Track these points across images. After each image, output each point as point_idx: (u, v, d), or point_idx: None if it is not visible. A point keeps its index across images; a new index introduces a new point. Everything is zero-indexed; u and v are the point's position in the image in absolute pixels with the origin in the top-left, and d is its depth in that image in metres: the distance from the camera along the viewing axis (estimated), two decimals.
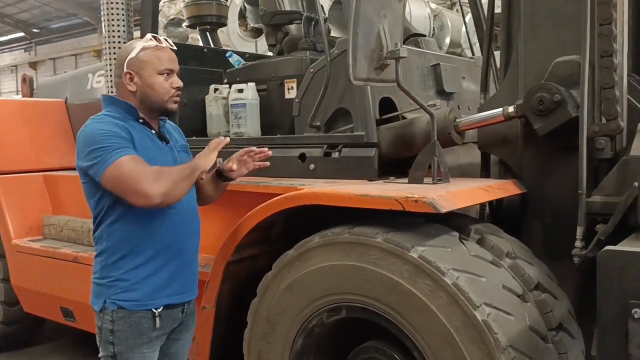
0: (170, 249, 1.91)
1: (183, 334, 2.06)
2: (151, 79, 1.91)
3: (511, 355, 1.66)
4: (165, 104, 1.94)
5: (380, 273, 1.86)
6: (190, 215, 1.99)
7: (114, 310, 1.86)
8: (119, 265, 1.88)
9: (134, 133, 1.87)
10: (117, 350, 1.87)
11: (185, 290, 1.98)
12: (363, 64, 2.00)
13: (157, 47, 1.92)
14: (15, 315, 3.70)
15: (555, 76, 2.14)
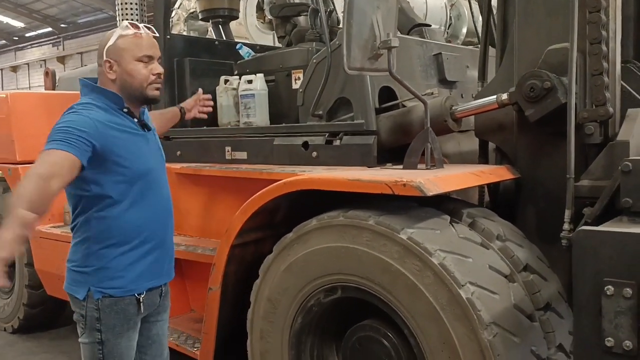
0: (155, 236, 1.96)
1: (161, 315, 2.12)
2: (130, 66, 1.90)
3: (494, 331, 1.73)
4: (144, 91, 1.93)
5: (371, 254, 1.95)
6: (168, 203, 2.05)
7: (99, 299, 1.88)
8: (104, 254, 1.89)
9: (117, 126, 1.87)
10: (105, 338, 1.90)
11: (163, 273, 2.03)
12: (357, 54, 2.07)
13: (135, 34, 1.92)
14: (39, 298, 3.88)
15: (548, 63, 2.18)
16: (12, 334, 4.12)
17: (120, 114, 1.93)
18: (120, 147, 1.86)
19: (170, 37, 3.39)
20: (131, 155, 1.90)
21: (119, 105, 1.93)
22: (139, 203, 1.91)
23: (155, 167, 2.00)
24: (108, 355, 1.92)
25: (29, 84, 28.39)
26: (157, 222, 1.98)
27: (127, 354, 1.97)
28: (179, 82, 3.39)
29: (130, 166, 1.89)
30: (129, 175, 1.89)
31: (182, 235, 3.17)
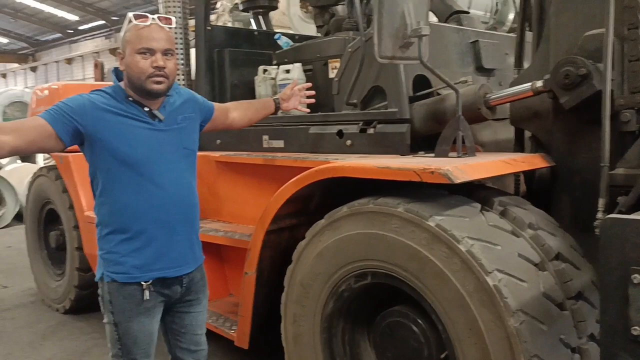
0: (154, 225, 1.94)
1: (194, 307, 2.12)
2: (129, 58, 1.90)
3: (521, 318, 1.73)
4: (143, 84, 1.89)
5: (400, 241, 1.97)
6: (177, 193, 1.99)
7: (109, 282, 1.95)
8: (110, 239, 1.94)
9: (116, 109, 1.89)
10: (117, 320, 1.96)
11: (179, 264, 2.01)
12: (388, 43, 2.09)
13: (137, 26, 1.91)
14: (88, 281, 4.04)
15: (585, 50, 2.14)
16: (64, 314, 4.35)
17: (126, 102, 1.94)
18: (110, 130, 1.88)
19: (210, 28, 3.48)
20: (124, 140, 1.89)
21: (123, 95, 1.94)
22: (136, 191, 1.92)
23: (160, 158, 1.96)
24: (123, 337, 1.98)
25: (83, 76, 29.37)
26: (159, 213, 1.95)
27: (142, 338, 2.00)
28: (219, 72, 3.48)
29: (121, 150, 1.89)
30: (119, 158, 1.90)
31: (221, 221, 3.27)
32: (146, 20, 1.93)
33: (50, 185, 4.29)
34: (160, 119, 1.98)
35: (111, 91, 1.96)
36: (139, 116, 1.95)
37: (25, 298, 4.86)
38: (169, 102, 2.03)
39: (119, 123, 1.90)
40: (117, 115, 1.91)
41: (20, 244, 6.76)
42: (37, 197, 4.59)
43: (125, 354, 2.00)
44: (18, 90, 10.70)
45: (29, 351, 3.70)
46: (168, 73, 1.93)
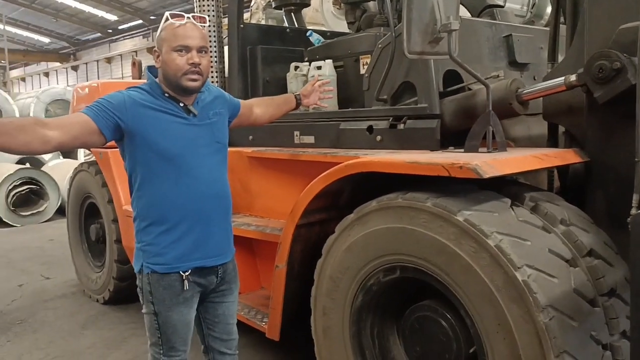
0: (192, 216, 2.01)
1: (227, 297, 2.20)
2: (166, 56, 1.97)
3: (550, 314, 1.72)
4: (179, 80, 1.96)
5: (429, 235, 1.98)
6: (212, 185, 2.06)
7: (149, 274, 2.02)
8: (149, 231, 2.01)
9: (153, 105, 1.96)
10: (157, 309, 2.03)
11: (216, 254, 2.08)
12: (417, 38, 2.09)
13: (173, 24, 1.98)
14: (126, 273, 4.18)
15: (619, 43, 2.10)
16: (103, 304, 4.49)
17: (162, 98, 2.01)
18: (150, 125, 1.95)
19: (243, 26, 3.53)
20: (163, 134, 1.96)
21: (159, 91, 2.01)
22: (174, 184, 1.98)
23: (195, 151, 2.02)
24: (163, 326, 2.05)
25: (121, 74, 30.03)
26: (197, 204, 2.02)
27: (181, 327, 2.07)
28: (252, 69, 3.53)
29: (160, 144, 1.96)
30: (158, 152, 1.96)
31: (253, 215, 3.33)
32: (182, 19, 2.00)
33: (91, 180, 4.43)
34: (194, 113, 2.05)
35: (148, 88, 2.03)
36: (175, 111, 2.02)
37: (67, 289, 5.04)
38: (201, 98, 2.10)
39: (157, 118, 1.97)
40: (155, 110, 1.98)
41: (62, 237, 7.00)
42: (78, 191, 4.75)
43: (164, 343, 2.07)
44: (60, 88, 11.03)
45: (70, 340, 3.84)
46: (202, 70, 1.99)
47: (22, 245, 6.95)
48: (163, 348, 2.08)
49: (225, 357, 2.27)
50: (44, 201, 8.60)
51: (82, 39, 34.62)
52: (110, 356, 3.54)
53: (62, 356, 3.57)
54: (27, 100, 10.19)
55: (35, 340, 3.85)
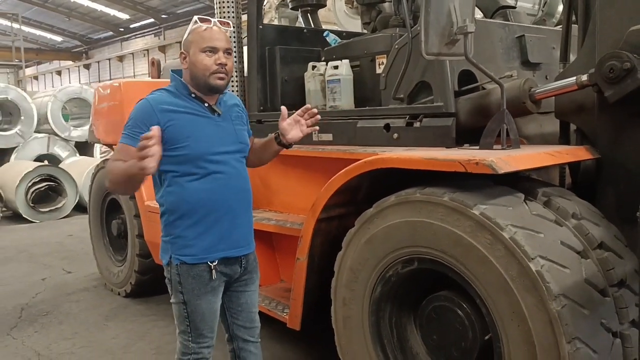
0: (218, 209, 2.12)
1: (249, 287, 2.31)
2: (194, 57, 2.10)
3: (562, 302, 1.81)
4: (207, 80, 2.09)
5: (446, 228, 2.07)
6: (236, 180, 2.18)
7: (178, 265, 2.12)
8: (177, 224, 2.12)
9: (179, 108, 2.07)
10: (187, 299, 2.14)
11: (240, 245, 2.21)
12: (434, 40, 2.19)
13: (201, 28, 2.12)
14: (148, 266, 4.32)
15: (630, 44, 2.18)
16: (125, 297, 4.64)
17: (189, 98, 2.14)
18: (177, 126, 2.06)
19: (262, 27, 3.64)
20: (190, 133, 2.07)
21: (186, 92, 2.14)
22: (202, 179, 2.09)
23: (221, 149, 2.13)
24: (192, 314, 2.17)
25: (133, 73, 30.24)
26: (223, 198, 2.13)
27: (209, 315, 2.18)
28: (270, 69, 3.63)
29: (189, 143, 2.07)
30: (188, 151, 2.07)
31: (273, 210, 3.44)
32: (209, 23, 2.15)
33: None
34: (219, 113, 2.19)
35: (173, 89, 2.16)
36: (201, 111, 2.15)
37: (88, 283, 5.19)
38: (222, 100, 2.24)
39: (184, 119, 2.09)
40: (181, 111, 2.10)
41: (80, 233, 7.19)
42: (99, 188, 4.88)
43: (193, 330, 2.18)
44: (76, 87, 11.20)
45: (94, 331, 3.98)
46: (228, 70, 2.13)
47: (42, 241, 7.12)
48: (192, 335, 2.19)
49: (249, 345, 2.38)
50: (62, 198, 8.78)
51: (94, 38, 34.91)
52: (134, 346, 3.67)
53: (88, 346, 3.71)
54: (44, 99, 10.36)
55: (61, 331, 3.99)
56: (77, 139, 10.46)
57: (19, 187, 8.26)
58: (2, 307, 4.59)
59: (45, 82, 37.99)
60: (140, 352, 3.56)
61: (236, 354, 2.37)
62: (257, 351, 2.40)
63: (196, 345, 2.20)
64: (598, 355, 1.85)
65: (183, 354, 2.21)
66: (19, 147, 10.03)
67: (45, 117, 10.08)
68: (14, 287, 5.15)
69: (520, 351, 1.90)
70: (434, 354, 2.36)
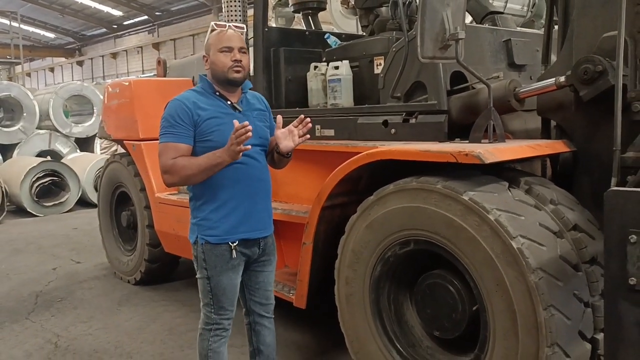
0: (240, 195, 2.37)
1: (266, 267, 2.56)
2: (214, 57, 2.39)
3: (539, 275, 2.08)
4: (226, 74, 2.36)
5: (439, 212, 2.34)
6: (259, 170, 2.43)
7: (203, 244, 2.38)
8: (203, 208, 2.39)
9: (205, 105, 2.34)
10: (210, 274, 2.40)
11: (259, 228, 2.45)
12: (429, 45, 2.46)
13: (218, 31, 2.41)
14: (157, 255, 4.57)
15: (603, 49, 2.46)
16: (135, 285, 4.88)
17: (214, 96, 2.41)
18: (205, 121, 2.32)
19: (268, 29, 3.89)
20: (215, 129, 2.32)
21: (211, 90, 2.42)
22: (225, 169, 2.29)
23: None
24: (215, 288, 2.42)
25: (127, 70, 30.33)
26: (244, 185, 2.38)
27: (230, 289, 2.44)
28: (275, 69, 3.88)
29: (214, 137, 2.31)
30: (213, 145, 2.30)
31: (279, 201, 3.70)
32: (224, 27, 2.44)
33: (123, 170, 4.80)
34: (239, 110, 2.44)
35: (200, 88, 2.45)
36: (224, 108, 2.41)
37: (98, 272, 5.43)
38: (245, 98, 2.50)
39: (210, 115, 2.35)
40: (208, 108, 2.37)
41: (85, 226, 7.42)
42: (109, 181, 5.12)
43: (215, 303, 2.44)
44: (77, 84, 11.37)
45: (109, 314, 4.22)
46: (244, 65, 2.40)
47: (49, 233, 7.34)
48: (214, 308, 2.45)
49: (264, 320, 2.64)
50: (65, 192, 8.99)
51: (87, 35, 34.92)
52: (147, 328, 3.92)
53: (104, 328, 3.96)
54: (45, 96, 10.55)
55: (77, 315, 4.24)
56: (78, 135, 10.67)
57: (24, 182, 8.47)
58: (18, 294, 4.82)
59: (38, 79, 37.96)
60: (154, 333, 3.82)
61: (252, 327, 2.64)
62: (270, 326, 2.66)
63: (218, 316, 2.46)
64: (571, 321, 2.13)
65: (206, 324, 2.47)
66: (22, 143, 10.23)
67: (46, 113, 10.27)
68: (27, 275, 5.39)
69: (503, 319, 2.18)
70: (428, 326, 2.63)
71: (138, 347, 3.61)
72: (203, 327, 2.48)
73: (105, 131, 5.02)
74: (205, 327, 2.47)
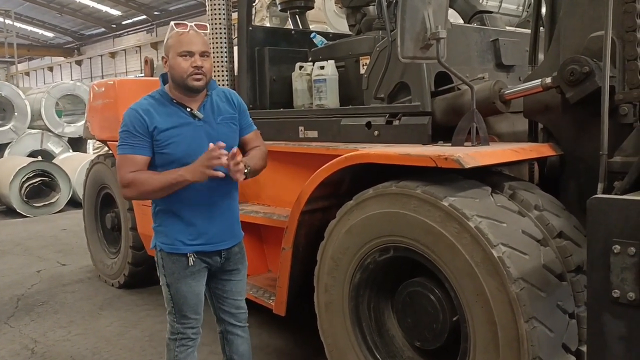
0: (195, 207, 2.26)
1: (234, 276, 2.46)
2: (173, 60, 2.22)
3: (521, 285, 1.99)
4: (185, 82, 2.20)
5: (418, 218, 2.25)
6: (219, 184, 2.23)
7: (159, 251, 2.33)
8: (160, 216, 2.32)
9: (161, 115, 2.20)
10: (169, 281, 2.33)
11: (216, 241, 2.33)
12: (410, 45, 2.36)
13: (177, 33, 2.24)
14: (141, 258, 4.49)
15: (590, 50, 2.37)
16: (118, 288, 4.79)
17: (171, 104, 2.25)
18: (161, 130, 2.19)
19: (252, 28, 3.80)
20: (171, 141, 2.20)
21: (168, 98, 2.26)
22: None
23: (198, 151, 2.18)
24: (175, 296, 2.34)
25: (125, 69, 30.25)
26: (200, 197, 2.25)
27: (191, 297, 2.34)
28: (260, 69, 3.80)
29: (170, 150, 2.20)
30: (167, 153, 2.21)
31: (261, 204, 3.61)
32: (185, 28, 2.27)
33: (107, 172, 4.71)
34: (199, 117, 2.28)
35: (157, 95, 2.30)
36: (182, 117, 2.26)
37: (83, 274, 5.34)
38: (208, 102, 2.33)
39: (166, 126, 2.21)
40: (164, 116, 2.23)
41: (74, 227, 7.33)
42: (94, 182, 5.03)
43: (177, 312, 2.35)
44: (70, 83, 11.28)
45: (89, 319, 4.13)
46: (205, 71, 2.24)
47: (37, 235, 7.25)
48: (176, 316, 2.37)
49: (236, 329, 2.54)
50: (56, 193, 8.90)
51: (86, 34, 34.84)
52: (127, 334, 3.83)
53: (83, 333, 3.86)
54: (38, 95, 10.46)
55: (57, 320, 4.14)
56: (70, 135, 10.58)
57: (13, 182, 8.38)
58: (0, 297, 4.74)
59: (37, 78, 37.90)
60: (134, 339, 3.72)
61: (224, 336, 2.55)
62: (244, 335, 2.56)
63: (180, 325, 2.37)
64: (554, 334, 2.03)
65: (171, 334, 2.39)
66: (13, 143, 10.14)
67: (38, 113, 10.18)
68: (10, 278, 5.30)
69: (484, 330, 2.08)
70: (409, 336, 2.54)
71: (116, 354, 3.51)
72: (169, 337, 2.40)
73: (89, 132, 4.93)
74: (171, 337, 2.39)
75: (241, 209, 2.49)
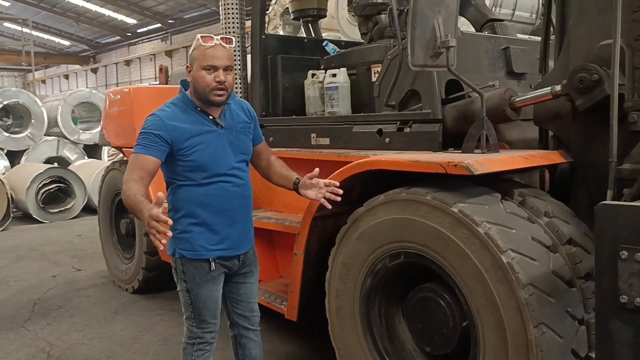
0: (218, 214, 2.31)
1: (248, 279, 2.51)
2: (196, 73, 2.24)
3: (530, 291, 2.01)
4: (207, 96, 2.24)
5: (428, 224, 2.28)
6: (237, 187, 2.34)
7: (180, 257, 2.34)
8: (181, 222, 2.31)
9: (185, 123, 2.23)
10: (189, 286, 2.35)
11: (236, 246, 2.38)
12: (420, 53, 2.40)
13: (203, 46, 2.24)
14: (154, 264, 4.53)
15: (600, 58, 2.39)
16: (132, 293, 4.85)
17: (195, 111, 2.29)
18: (183, 139, 2.22)
19: (265, 37, 3.86)
20: (196, 149, 2.23)
21: (192, 105, 2.30)
22: (204, 187, 2.27)
23: (224, 159, 2.29)
24: (195, 301, 2.37)
25: (140, 77, 30.59)
26: (222, 203, 2.31)
27: (211, 302, 2.38)
28: (272, 77, 3.85)
29: (195, 157, 2.24)
30: (191, 161, 2.24)
31: (273, 210, 3.65)
32: (211, 41, 2.28)
33: (122, 178, 4.76)
34: (222, 125, 2.34)
35: (179, 102, 2.33)
36: (205, 124, 2.31)
37: (97, 279, 5.41)
38: (228, 111, 2.38)
39: (189, 131, 2.25)
40: (187, 124, 2.27)
41: (89, 233, 7.42)
42: (109, 188, 5.11)
43: (196, 316, 2.39)
44: (85, 91, 11.45)
45: (104, 323, 4.19)
46: (227, 86, 2.28)
47: (53, 240, 7.36)
48: (196, 321, 2.40)
49: (249, 332, 2.58)
50: (71, 199, 9.02)
51: (101, 42, 35.30)
52: (142, 338, 3.88)
53: (98, 337, 3.92)
54: (54, 103, 10.63)
55: (73, 324, 4.21)
56: (86, 141, 10.73)
57: (30, 189, 8.50)
58: (17, 301, 4.82)
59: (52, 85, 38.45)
60: (148, 343, 3.77)
61: (237, 340, 2.58)
62: (256, 338, 2.60)
63: (199, 330, 2.40)
64: (563, 339, 2.05)
65: (189, 338, 2.42)
66: (29, 150, 10.31)
67: (55, 120, 10.34)
68: (27, 283, 5.38)
69: (493, 336, 2.10)
70: (420, 341, 2.56)
71: (130, 358, 3.56)
72: (186, 342, 2.43)
73: (105, 138, 5.01)
74: (188, 342, 2.42)
75: (254, 215, 2.53)
